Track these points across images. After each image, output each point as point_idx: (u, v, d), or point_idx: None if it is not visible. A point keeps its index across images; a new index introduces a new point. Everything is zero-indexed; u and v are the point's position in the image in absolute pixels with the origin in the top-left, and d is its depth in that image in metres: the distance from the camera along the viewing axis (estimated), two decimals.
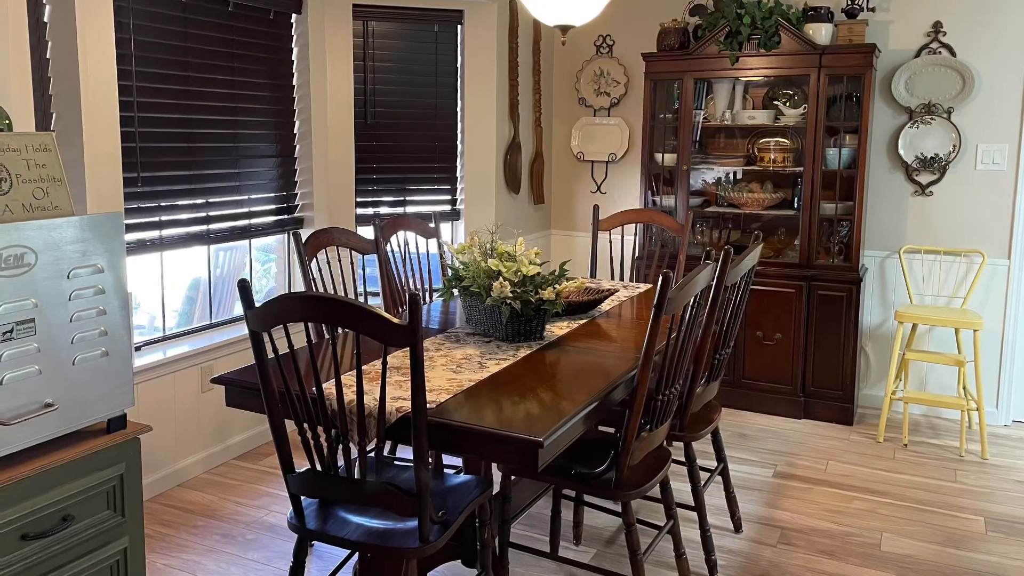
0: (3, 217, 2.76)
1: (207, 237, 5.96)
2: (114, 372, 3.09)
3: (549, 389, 3.64)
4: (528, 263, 4.33)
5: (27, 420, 2.80)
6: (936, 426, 7.08)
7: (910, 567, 4.81)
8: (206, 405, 5.92)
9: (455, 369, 3.90)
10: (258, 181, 6.31)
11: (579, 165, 8.64)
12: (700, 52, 7.24)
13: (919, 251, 7.24)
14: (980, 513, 5.49)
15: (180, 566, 4.72)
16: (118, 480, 3.10)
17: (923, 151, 7.10)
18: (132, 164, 5.33)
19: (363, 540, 3.39)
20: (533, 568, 4.71)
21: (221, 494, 5.59)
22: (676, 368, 3.94)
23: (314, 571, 4.68)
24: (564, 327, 4.74)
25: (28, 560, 2.80)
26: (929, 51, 7.06)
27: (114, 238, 3.05)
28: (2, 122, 3.11)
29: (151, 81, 5.43)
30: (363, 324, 3.06)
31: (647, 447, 3.97)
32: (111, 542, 3.10)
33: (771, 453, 6.40)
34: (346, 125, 6.85)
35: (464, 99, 7.68)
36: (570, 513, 5.23)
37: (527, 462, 3.16)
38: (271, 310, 3.19)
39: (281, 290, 6.80)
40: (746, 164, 7.52)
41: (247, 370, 3.81)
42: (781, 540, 5.09)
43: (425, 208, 7.60)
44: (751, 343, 7.25)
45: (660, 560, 4.80)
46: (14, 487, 2.74)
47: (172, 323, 6.00)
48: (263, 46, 6.26)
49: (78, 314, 2.94)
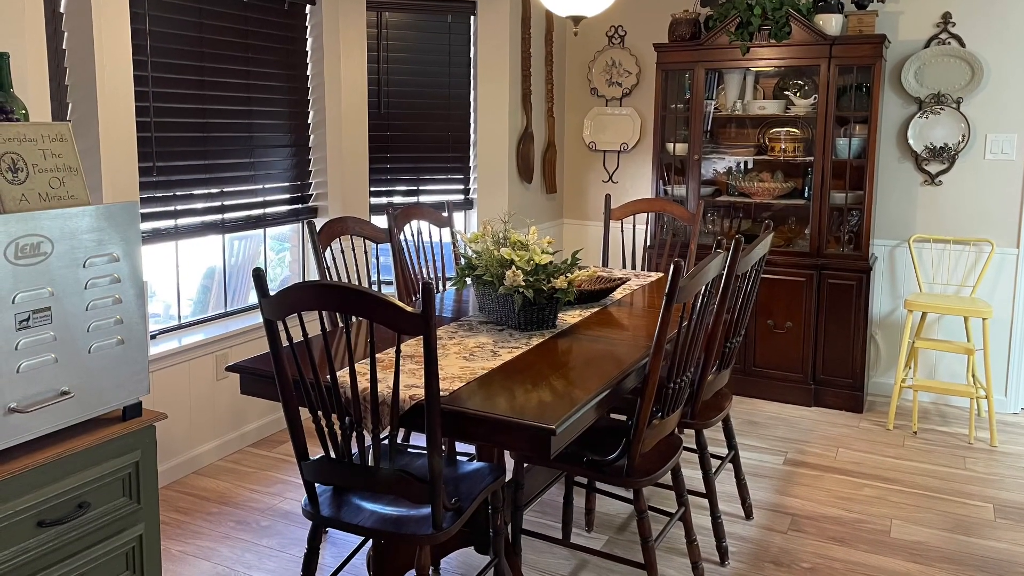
0: (20, 206, 2.75)
1: (222, 226, 5.95)
2: (130, 360, 3.09)
3: (561, 377, 3.63)
4: (540, 252, 4.31)
5: (43, 408, 2.79)
6: (945, 414, 7.05)
7: (919, 553, 4.79)
8: (221, 393, 5.91)
9: (468, 357, 3.88)
10: (273, 171, 6.30)
11: (591, 155, 8.62)
12: (711, 43, 7.21)
13: (928, 240, 7.21)
14: (989, 500, 5.46)
15: (195, 552, 4.72)
16: (133, 467, 3.09)
17: (932, 141, 7.07)
18: (147, 154, 5.32)
19: (377, 527, 3.38)
20: (545, 554, 4.71)
21: (236, 481, 5.58)
22: (687, 356, 3.92)
23: (328, 557, 4.68)
24: (576, 315, 4.73)
25: (44, 546, 2.79)
26: (938, 42, 7.03)
27: (130, 227, 3.04)
28: (19, 112, 3.10)
29: (166, 71, 5.42)
30: (377, 313, 3.04)
31: (659, 435, 3.95)
32: (127, 529, 3.10)
33: (782, 440, 6.38)
34: (360, 115, 6.83)
35: (477, 89, 7.66)
36: (582, 500, 5.22)
37: (539, 449, 3.15)
38: (285, 299, 3.18)
39: (295, 279, 6.79)
40: (757, 154, 7.50)
41: (262, 358, 3.80)
42: (792, 527, 5.07)
43: (438, 197, 7.58)
44: (762, 331, 7.22)
45: (671, 547, 4.79)
46: (31, 474, 2.74)
47: (187, 311, 6.00)
48: (278, 37, 6.24)
49: (94, 303, 2.93)
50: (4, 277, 2.64)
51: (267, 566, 4.59)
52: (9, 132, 2.79)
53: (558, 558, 4.68)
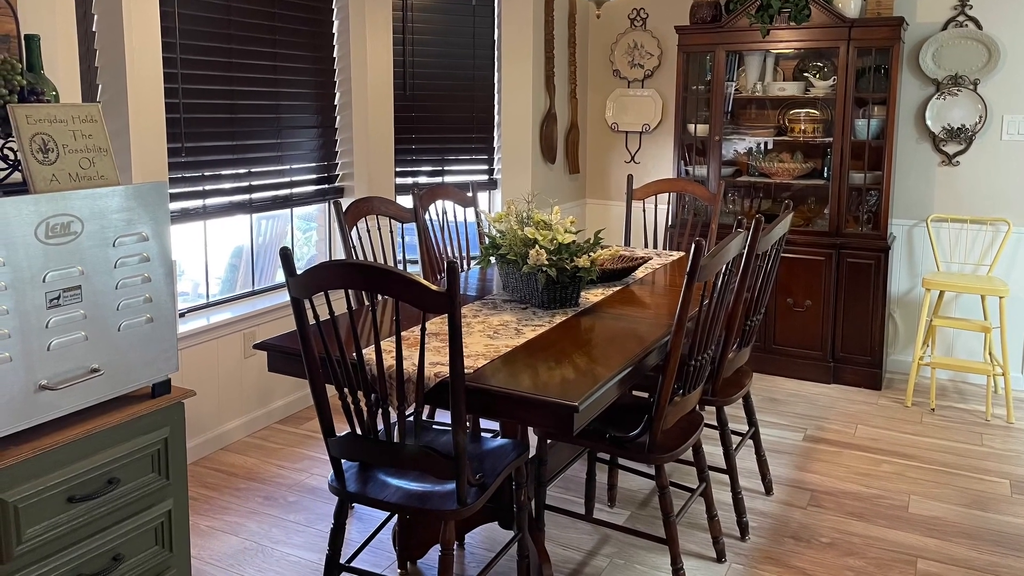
0: (50, 187, 2.74)
1: (249, 206, 5.93)
2: (159, 338, 3.07)
3: (584, 355, 3.60)
4: (564, 231, 4.28)
5: (74, 385, 2.78)
6: (962, 391, 7.00)
7: (937, 528, 4.76)
8: (248, 370, 5.90)
9: (492, 335, 3.86)
10: (299, 151, 6.27)
11: (613, 136, 8.58)
12: (732, 25, 7.15)
13: (946, 220, 7.15)
14: (1006, 476, 5.42)
15: (223, 528, 4.72)
16: (162, 443, 3.08)
17: (950, 122, 7.01)
18: (176, 135, 5.30)
19: (402, 502, 3.37)
20: (569, 529, 4.69)
21: (263, 457, 5.58)
22: (708, 334, 3.89)
23: (354, 532, 4.67)
24: (599, 294, 4.69)
25: (75, 521, 2.79)
26: (955, 24, 6.96)
27: (159, 207, 3.02)
28: (49, 93, 3.09)
29: (195, 53, 5.39)
30: (402, 291, 3.02)
31: (680, 411, 3.93)
32: (155, 504, 3.09)
33: (801, 417, 6.35)
34: (386, 96, 6.79)
35: (501, 71, 7.62)
36: (604, 476, 5.19)
37: (563, 426, 3.13)
38: (312, 277, 3.16)
39: (322, 258, 6.78)
40: (777, 135, 7.45)
41: (289, 336, 3.79)
42: (811, 502, 5.04)
43: (463, 178, 7.55)
44: (782, 310, 7.18)
45: (693, 522, 4.76)
46: (61, 450, 2.73)
47: (215, 290, 5.99)
48: (304, 19, 6.20)
49: (123, 281, 2.91)
50: (35, 256, 2.62)
51: (294, 541, 4.58)
52: (40, 113, 2.77)
53: (581, 533, 4.66)
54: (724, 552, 4.42)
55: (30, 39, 3.13)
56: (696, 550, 4.50)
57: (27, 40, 3.14)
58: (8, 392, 2.60)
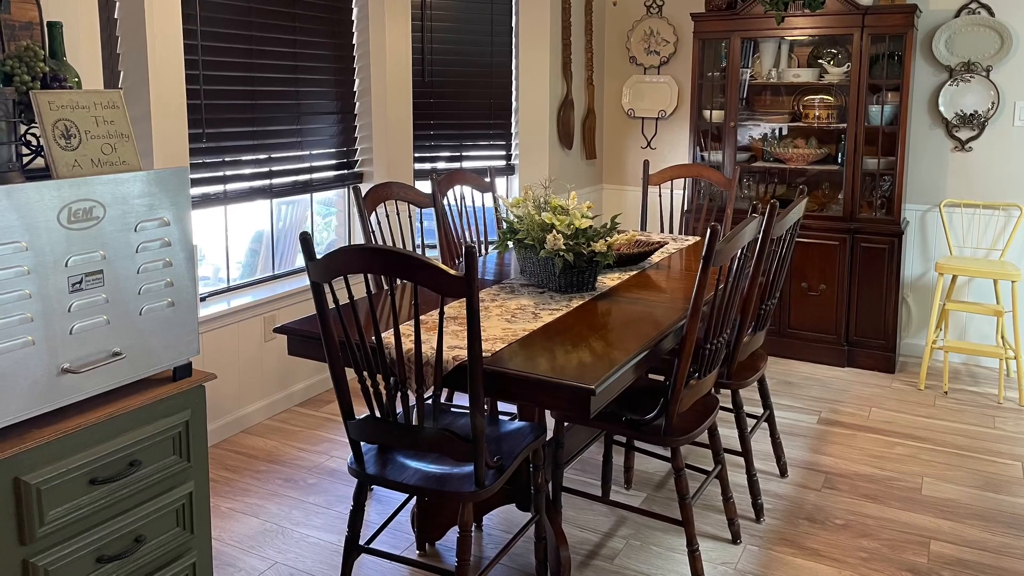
0: (72, 172, 2.72)
1: (270, 191, 5.92)
2: (180, 322, 3.06)
3: (601, 338, 3.58)
4: (580, 216, 4.26)
5: (96, 368, 2.76)
6: (975, 374, 6.97)
7: (950, 510, 4.74)
8: (268, 354, 5.90)
9: (510, 319, 3.84)
10: (319, 137, 6.25)
11: (630, 122, 8.54)
12: (747, 12, 7.11)
13: (959, 205, 7.11)
14: (1017, 458, 5.39)
15: (243, 509, 4.71)
16: (184, 426, 3.07)
17: (963, 108, 6.97)
18: (197, 120, 5.28)
19: (421, 484, 3.36)
20: (585, 511, 4.67)
21: (283, 440, 5.57)
22: (724, 318, 3.87)
23: (373, 514, 4.66)
24: (615, 278, 4.67)
25: (97, 503, 2.77)
26: (968, 11, 6.93)
27: (180, 192, 3.00)
28: (72, 80, 3.07)
29: (216, 40, 5.37)
30: (421, 275, 3.01)
31: (695, 394, 3.91)
32: (177, 486, 3.08)
33: (816, 400, 6.32)
34: (404, 83, 6.76)
35: (519, 58, 7.60)
36: (621, 458, 5.17)
37: (579, 409, 3.11)
38: (332, 262, 3.14)
39: (341, 242, 6.76)
40: (791, 121, 7.41)
41: (308, 320, 3.78)
42: (825, 484, 5.02)
43: (481, 163, 7.53)
44: (796, 294, 7.15)
45: (708, 504, 4.75)
46: (84, 433, 2.71)
47: (236, 274, 5.98)
48: (324, 6, 6.17)
49: (145, 266, 2.89)
50: (57, 241, 2.61)
51: (314, 523, 4.58)
52: (62, 99, 2.76)
53: (597, 515, 4.64)
54: (739, 534, 4.41)
55: (52, 26, 3.11)
56: (711, 531, 4.49)
57: (50, 27, 3.12)
58: (31, 375, 2.59)
